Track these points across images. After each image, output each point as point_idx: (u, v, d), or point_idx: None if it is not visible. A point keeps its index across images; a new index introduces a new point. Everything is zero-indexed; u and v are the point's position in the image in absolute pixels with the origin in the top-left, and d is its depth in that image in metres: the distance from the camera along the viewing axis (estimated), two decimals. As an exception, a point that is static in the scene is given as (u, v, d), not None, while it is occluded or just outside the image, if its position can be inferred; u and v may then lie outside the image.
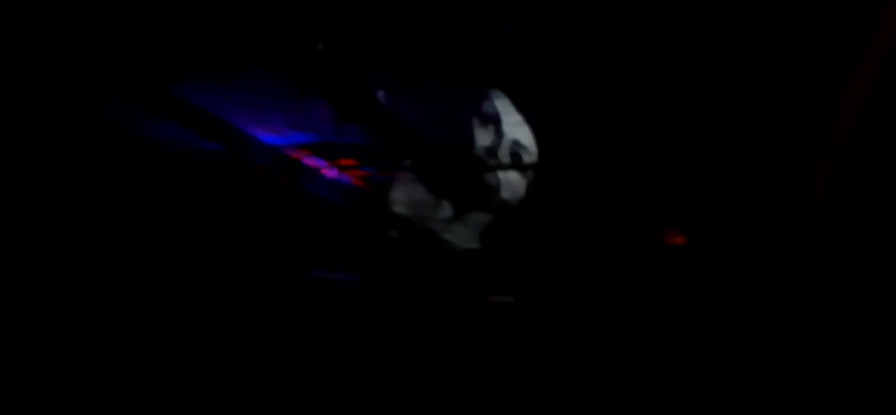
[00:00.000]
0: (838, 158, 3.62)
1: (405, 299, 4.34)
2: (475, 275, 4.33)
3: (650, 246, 4.04)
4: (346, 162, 4.41)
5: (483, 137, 4.33)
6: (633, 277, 4.05)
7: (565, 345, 4.13)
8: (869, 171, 3.59)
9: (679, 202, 4.00)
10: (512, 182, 4.35)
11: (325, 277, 4.33)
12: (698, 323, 3.94)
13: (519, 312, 4.25)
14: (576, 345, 4.12)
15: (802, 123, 3.67)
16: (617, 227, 4.10)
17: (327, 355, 4.28)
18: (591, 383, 4.07)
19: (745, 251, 3.89)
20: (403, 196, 4.43)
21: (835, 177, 3.64)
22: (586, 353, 4.10)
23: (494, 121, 4.31)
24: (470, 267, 4.34)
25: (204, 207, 4.24)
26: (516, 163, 4.32)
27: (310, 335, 4.30)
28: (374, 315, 4.34)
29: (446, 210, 4.39)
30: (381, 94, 4.24)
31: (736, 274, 3.89)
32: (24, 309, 3.96)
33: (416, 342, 4.29)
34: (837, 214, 3.66)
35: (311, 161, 4.41)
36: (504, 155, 4.33)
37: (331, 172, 4.43)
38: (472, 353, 4.21)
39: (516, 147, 4.31)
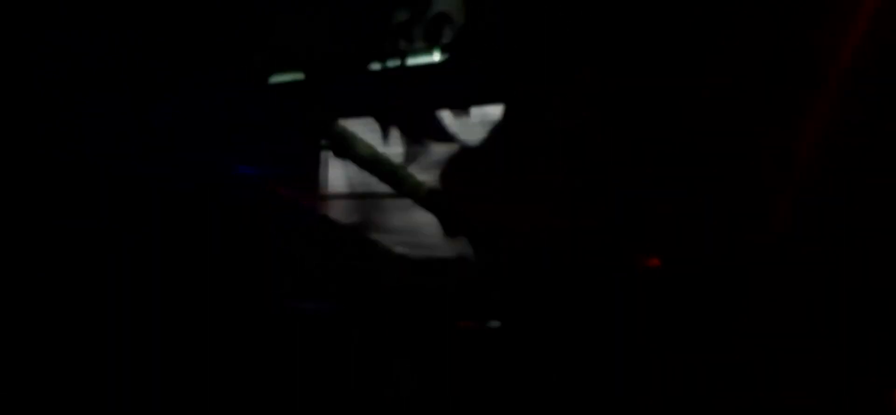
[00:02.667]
0: (802, 181, 3.81)
1: (385, 327, 4.38)
2: (457, 300, 4.38)
3: (627, 268, 4.16)
4: (319, 191, 4.49)
5: (463, 159, 4.41)
6: (613, 297, 4.15)
7: (551, 365, 4.20)
8: (831, 191, 3.77)
9: (654, 226, 4.13)
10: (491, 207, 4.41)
11: (303, 306, 4.37)
12: (681, 340, 4.04)
13: (503, 335, 4.30)
14: (562, 365, 4.19)
15: (766, 148, 3.87)
16: (596, 250, 4.20)
17: (307, 383, 4.30)
18: (580, 392, 4.14)
19: (720, 272, 4.04)
20: (381, 223, 4.51)
21: (799, 198, 3.82)
22: (573, 371, 4.17)
23: (475, 144, 4.42)
24: (451, 292, 4.39)
25: (181, 239, 4.28)
26: (496, 187, 4.41)
27: (289, 364, 4.32)
28: (353, 343, 4.38)
29: (427, 235, 4.44)
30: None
31: (711, 293, 4.03)
32: (24, 309, 3.95)
33: (398, 369, 4.33)
34: (803, 234, 3.82)
35: (287, 191, 4.49)
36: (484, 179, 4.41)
37: (307, 202, 4.51)
38: (462, 366, 4.25)
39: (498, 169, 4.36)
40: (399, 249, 4.45)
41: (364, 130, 4.34)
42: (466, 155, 4.35)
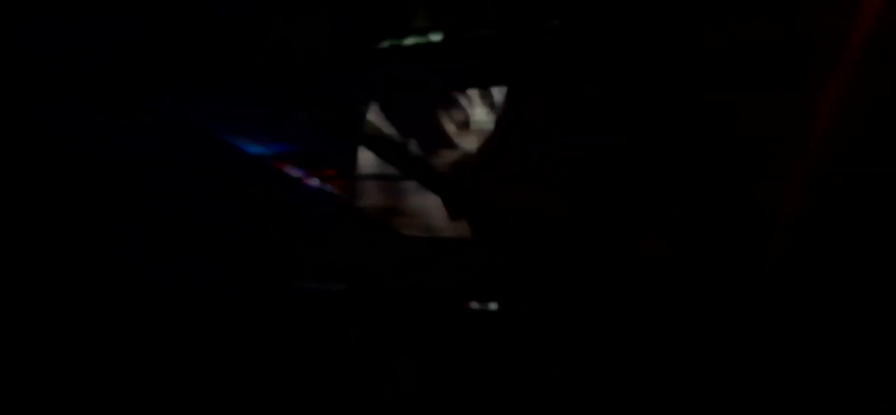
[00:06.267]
0: (815, 163, 3.74)
1: (390, 307, 4.39)
2: (459, 281, 4.38)
3: (630, 253, 4.14)
4: (327, 172, 4.50)
5: (464, 142, 4.40)
6: (614, 283, 4.13)
7: (553, 350, 4.20)
8: (846, 175, 3.71)
9: (658, 209, 4.10)
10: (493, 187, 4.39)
11: (308, 288, 4.39)
12: (684, 327, 4.03)
13: (505, 317, 4.31)
14: (564, 350, 4.18)
15: (778, 129, 3.81)
16: (597, 233, 4.18)
17: (314, 366, 4.33)
18: (581, 388, 4.13)
19: (725, 258, 4.00)
20: (385, 203, 4.51)
21: (812, 182, 3.76)
22: (575, 358, 4.17)
23: (480, 125, 4.37)
24: (453, 273, 4.40)
25: (185, 219, 4.29)
26: (501, 170, 4.36)
27: (295, 348, 4.34)
28: (358, 325, 4.39)
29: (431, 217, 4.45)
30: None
31: (716, 281, 4.00)
32: (24, 309, 3.99)
33: (404, 351, 4.35)
34: (815, 219, 3.77)
35: (292, 171, 4.49)
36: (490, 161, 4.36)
37: (312, 182, 4.51)
38: (464, 359, 4.26)
39: (498, 152, 4.34)
40: (403, 231, 4.46)
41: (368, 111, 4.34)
42: (472, 137, 4.33)
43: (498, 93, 4.26)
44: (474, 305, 4.30)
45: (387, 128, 4.36)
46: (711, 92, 3.90)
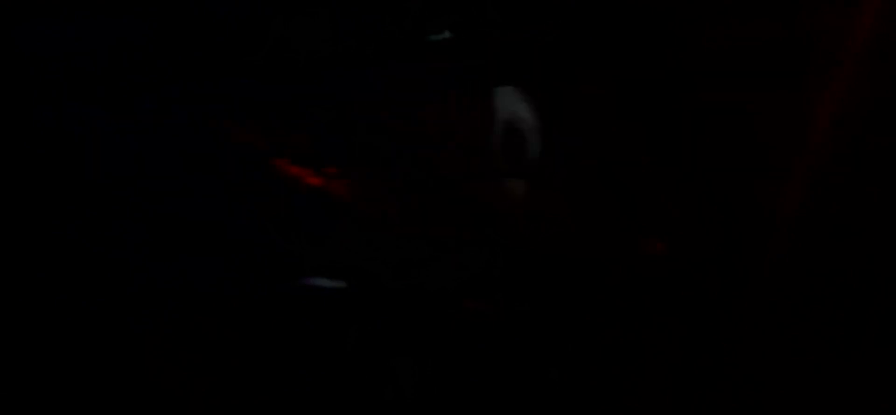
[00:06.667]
0: (815, 163, 3.74)
1: (390, 307, 4.38)
2: (459, 281, 4.37)
3: (630, 253, 4.13)
4: (330, 169, 4.48)
5: (464, 143, 4.38)
6: (614, 283, 4.13)
7: (553, 350, 4.19)
8: (846, 175, 3.71)
9: (658, 209, 4.10)
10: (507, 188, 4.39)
11: (309, 285, 4.37)
12: (684, 329, 4.02)
13: (504, 318, 4.30)
14: (564, 350, 4.18)
15: (779, 129, 3.81)
16: (597, 233, 4.17)
17: (314, 366, 4.32)
18: (581, 388, 4.13)
19: (725, 258, 4.00)
20: (385, 205, 4.49)
21: (812, 182, 3.76)
22: (575, 358, 4.16)
23: (480, 127, 4.35)
24: (453, 273, 4.39)
25: (185, 219, 4.27)
26: (497, 167, 4.35)
27: (295, 348, 4.33)
28: (358, 325, 4.38)
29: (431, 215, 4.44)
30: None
31: (716, 281, 4.00)
32: (25, 309, 3.98)
33: (404, 351, 4.34)
34: (815, 219, 3.77)
35: (294, 168, 4.48)
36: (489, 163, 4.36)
37: (314, 180, 4.50)
38: (464, 359, 4.25)
39: (498, 152, 4.35)
40: (403, 231, 4.44)
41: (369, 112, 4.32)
42: (472, 137, 4.31)
43: (498, 93, 4.23)
44: (470, 304, 4.29)
45: (387, 128, 4.34)
46: (711, 92, 3.90)
